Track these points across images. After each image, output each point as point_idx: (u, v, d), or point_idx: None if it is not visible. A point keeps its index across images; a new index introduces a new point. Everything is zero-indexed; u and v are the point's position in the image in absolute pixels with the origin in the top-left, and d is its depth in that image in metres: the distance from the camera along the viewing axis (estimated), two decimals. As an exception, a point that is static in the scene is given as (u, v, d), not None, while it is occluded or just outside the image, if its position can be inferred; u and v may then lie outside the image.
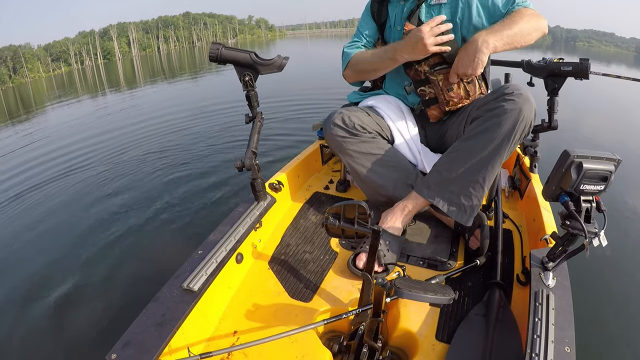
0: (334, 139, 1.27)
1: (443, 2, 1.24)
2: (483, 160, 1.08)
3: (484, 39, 1.09)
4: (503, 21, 1.14)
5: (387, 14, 1.37)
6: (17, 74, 40.66)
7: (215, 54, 1.10)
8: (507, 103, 1.04)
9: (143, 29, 72.22)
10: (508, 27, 1.11)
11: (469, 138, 1.11)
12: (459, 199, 1.13)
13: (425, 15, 1.27)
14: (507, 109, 1.03)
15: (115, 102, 8.84)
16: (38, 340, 1.59)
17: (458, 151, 1.13)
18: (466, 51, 1.12)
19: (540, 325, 0.81)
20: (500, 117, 1.04)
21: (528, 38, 1.15)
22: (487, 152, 1.07)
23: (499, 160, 1.08)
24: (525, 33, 1.13)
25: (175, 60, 27.32)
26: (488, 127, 1.06)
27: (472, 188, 1.11)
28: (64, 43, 54.56)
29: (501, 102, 1.05)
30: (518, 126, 1.03)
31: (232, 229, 1.15)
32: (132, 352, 0.78)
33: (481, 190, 1.11)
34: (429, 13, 1.27)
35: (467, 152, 1.10)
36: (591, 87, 6.70)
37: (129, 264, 2.02)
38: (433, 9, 1.26)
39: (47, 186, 3.32)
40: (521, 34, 1.13)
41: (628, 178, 2.89)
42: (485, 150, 1.07)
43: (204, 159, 3.61)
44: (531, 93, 1.07)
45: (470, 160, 1.09)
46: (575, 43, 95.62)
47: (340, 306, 1.03)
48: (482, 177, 1.10)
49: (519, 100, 1.03)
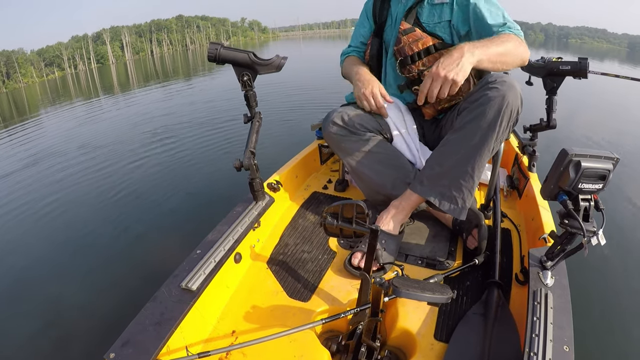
0: (333, 137, 1.28)
1: (445, 2, 1.24)
2: (471, 150, 1.08)
3: (471, 48, 1.04)
4: (493, 38, 1.11)
5: (389, 12, 1.37)
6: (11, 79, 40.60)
7: (214, 53, 1.10)
8: (491, 91, 1.04)
9: (136, 33, 72.25)
10: (496, 45, 1.08)
11: (457, 130, 1.12)
12: (450, 191, 1.13)
13: (428, 15, 1.27)
14: (490, 97, 1.04)
15: (110, 105, 8.82)
16: (36, 340, 1.58)
17: (447, 145, 1.14)
18: (450, 55, 1.04)
19: (539, 324, 0.81)
20: (485, 105, 1.04)
21: (511, 62, 1.12)
22: (474, 141, 1.07)
23: (487, 149, 1.08)
24: (511, 56, 1.11)
25: (168, 64, 27.28)
26: (473, 116, 1.07)
27: (462, 179, 1.11)
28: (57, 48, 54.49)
29: (485, 91, 1.06)
30: (503, 113, 1.03)
31: (230, 228, 1.15)
32: (130, 352, 0.78)
33: (471, 181, 1.11)
34: (432, 13, 1.26)
35: (455, 144, 1.11)
36: (590, 86, 6.70)
37: (128, 264, 2.02)
38: (435, 8, 1.26)
39: (46, 188, 3.32)
40: (507, 56, 1.09)
41: (627, 176, 2.90)
42: (473, 140, 1.07)
43: (202, 158, 3.61)
44: (516, 81, 1.07)
45: (459, 151, 1.10)
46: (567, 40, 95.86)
47: (339, 306, 1.03)
48: (470, 167, 1.09)
49: (502, 88, 1.03)
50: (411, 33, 1.26)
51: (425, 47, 1.25)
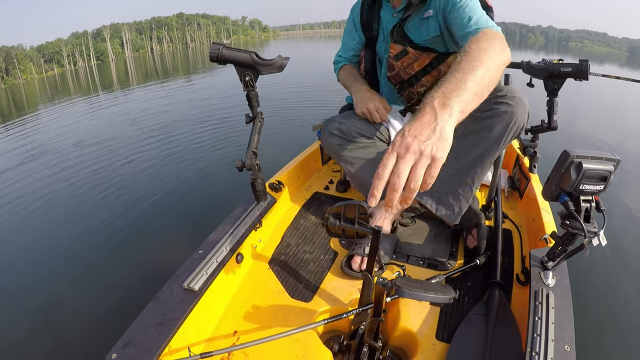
0: (332, 148, 1.30)
1: (430, 15, 1.16)
2: (473, 161, 1.08)
3: (444, 101, 0.66)
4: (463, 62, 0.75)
5: (380, 25, 1.30)
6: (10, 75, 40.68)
7: (216, 54, 1.10)
8: (501, 106, 1.02)
9: (136, 30, 72.32)
10: (473, 70, 0.72)
11: (460, 138, 1.10)
12: (447, 198, 1.13)
13: (416, 32, 1.20)
14: (500, 112, 1.02)
15: (109, 103, 8.82)
16: (38, 340, 1.58)
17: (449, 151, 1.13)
18: (419, 118, 0.65)
19: (540, 324, 0.81)
20: (493, 119, 1.03)
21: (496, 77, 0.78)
22: (476, 154, 1.07)
23: (489, 162, 1.08)
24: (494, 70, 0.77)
25: (169, 61, 27.30)
26: (480, 128, 1.05)
27: (461, 189, 1.11)
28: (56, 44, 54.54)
29: (494, 105, 1.03)
30: (510, 129, 1.02)
31: (232, 228, 1.15)
32: (132, 352, 0.78)
33: (470, 192, 1.11)
34: (419, 29, 1.20)
35: (457, 152, 1.10)
36: (592, 88, 6.71)
37: (130, 264, 2.02)
38: (422, 23, 1.19)
39: (46, 187, 3.31)
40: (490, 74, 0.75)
41: (628, 178, 2.90)
42: (475, 152, 1.07)
43: (204, 159, 3.61)
44: (526, 95, 1.04)
45: (460, 160, 1.09)
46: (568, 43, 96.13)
47: (341, 306, 1.03)
48: (471, 178, 1.09)
49: (513, 103, 1.01)
50: (404, 57, 1.22)
51: (421, 68, 1.21)
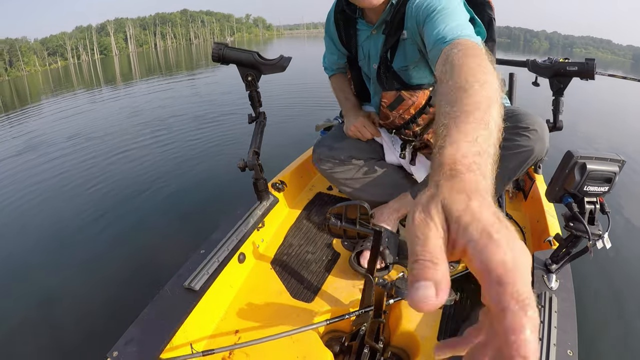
0: (324, 172, 1.34)
1: (404, 38, 1.07)
2: None
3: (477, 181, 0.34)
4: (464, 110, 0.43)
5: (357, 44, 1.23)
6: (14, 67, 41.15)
7: (219, 54, 1.11)
8: (521, 139, 0.98)
9: (140, 25, 72.78)
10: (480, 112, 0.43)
11: None
12: None
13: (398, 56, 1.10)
14: (519, 145, 0.98)
15: (113, 98, 8.83)
16: (40, 339, 1.59)
17: None
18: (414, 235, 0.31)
19: (542, 328, 0.80)
20: (512, 150, 0.99)
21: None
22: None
23: (502, 189, 1.09)
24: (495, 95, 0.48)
25: (172, 57, 27.39)
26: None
27: None
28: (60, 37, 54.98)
29: (514, 136, 0.98)
30: (527, 164, 1.01)
31: (234, 228, 1.15)
32: (133, 350, 0.79)
33: None
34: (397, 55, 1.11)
35: None
36: (597, 88, 6.64)
37: (132, 262, 2.03)
38: (399, 46, 1.09)
39: (46, 184, 3.33)
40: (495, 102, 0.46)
41: (633, 179, 2.86)
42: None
43: (206, 158, 3.62)
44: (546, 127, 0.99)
45: None
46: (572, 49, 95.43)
47: (342, 307, 1.03)
48: None
49: (533, 138, 0.97)
50: (399, 105, 1.16)
51: (418, 110, 1.16)
